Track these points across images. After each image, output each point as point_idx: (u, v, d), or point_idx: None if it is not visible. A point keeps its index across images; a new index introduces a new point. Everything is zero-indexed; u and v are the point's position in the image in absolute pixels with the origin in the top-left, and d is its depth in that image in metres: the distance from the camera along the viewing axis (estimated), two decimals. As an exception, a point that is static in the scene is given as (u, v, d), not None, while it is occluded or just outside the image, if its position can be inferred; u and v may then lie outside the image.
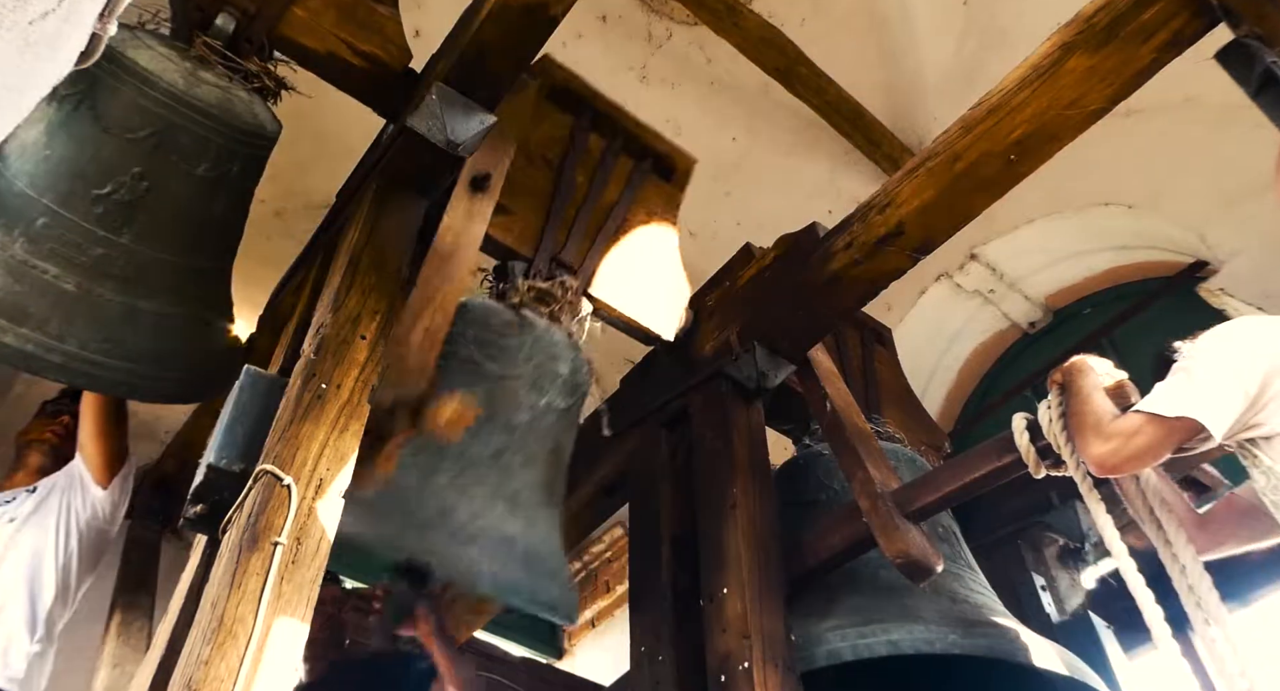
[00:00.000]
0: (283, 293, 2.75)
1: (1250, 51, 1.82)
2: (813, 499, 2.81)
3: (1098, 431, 1.87)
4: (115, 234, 2.17)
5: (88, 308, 2.15)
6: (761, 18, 3.88)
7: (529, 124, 2.68)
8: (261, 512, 1.63)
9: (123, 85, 2.12)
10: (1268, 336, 1.82)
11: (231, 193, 2.35)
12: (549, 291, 2.48)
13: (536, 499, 2.29)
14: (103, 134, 2.13)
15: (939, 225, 2.34)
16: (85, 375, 2.20)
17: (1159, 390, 1.82)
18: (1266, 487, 1.78)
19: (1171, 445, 1.79)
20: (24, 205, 2.10)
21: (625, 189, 2.85)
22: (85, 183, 2.13)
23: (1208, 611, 1.82)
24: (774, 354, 2.72)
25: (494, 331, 2.37)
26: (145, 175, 2.17)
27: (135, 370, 2.26)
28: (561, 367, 2.42)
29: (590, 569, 5.53)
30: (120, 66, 2.11)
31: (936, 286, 4.66)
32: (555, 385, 2.39)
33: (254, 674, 1.45)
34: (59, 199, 2.12)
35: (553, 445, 2.39)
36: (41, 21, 0.68)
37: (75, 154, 2.13)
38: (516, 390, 2.33)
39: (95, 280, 2.16)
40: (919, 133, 4.25)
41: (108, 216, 2.16)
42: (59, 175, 2.12)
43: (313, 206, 3.68)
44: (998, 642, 2.30)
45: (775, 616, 2.24)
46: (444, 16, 2.46)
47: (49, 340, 2.10)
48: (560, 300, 2.49)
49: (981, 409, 4.64)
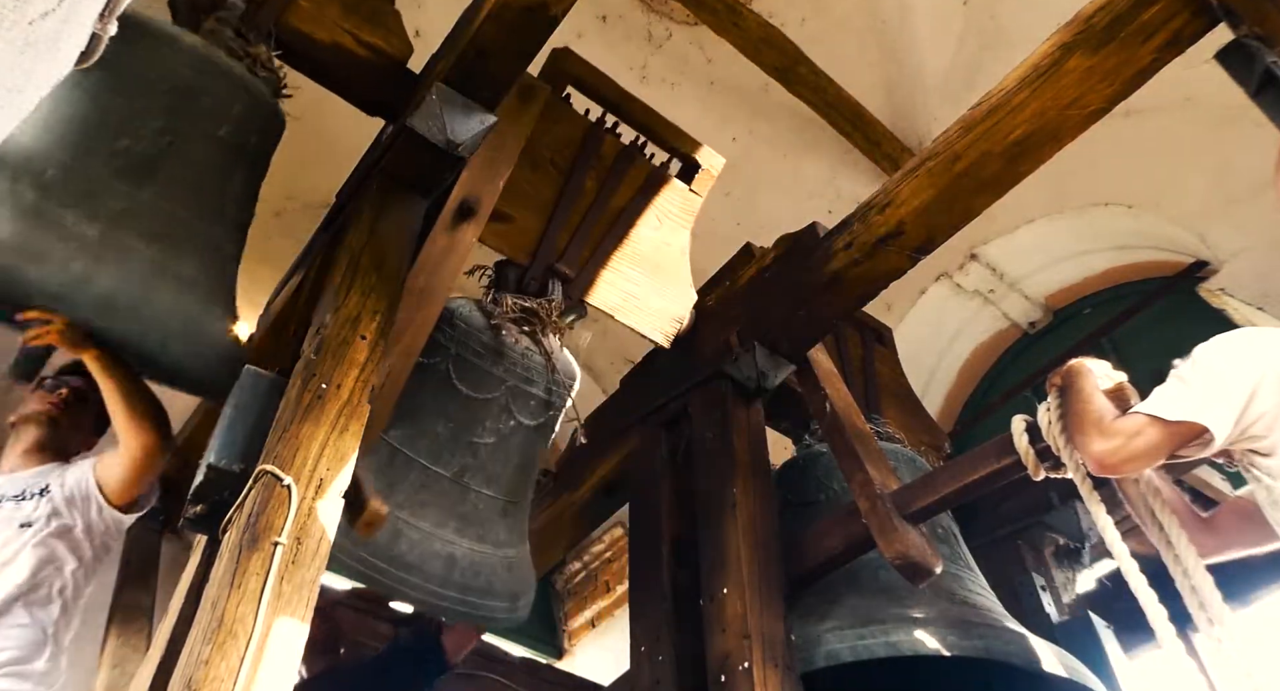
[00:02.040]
0: (283, 292, 2.75)
1: (1250, 51, 1.82)
2: (812, 499, 2.81)
3: (1099, 429, 1.87)
4: (136, 187, 2.05)
5: (115, 254, 2.01)
6: (761, 18, 3.89)
7: (538, 127, 2.67)
8: (261, 512, 1.63)
9: (142, 41, 2.06)
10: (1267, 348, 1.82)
11: (248, 165, 2.29)
12: (534, 311, 2.51)
13: (494, 511, 2.39)
14: (122, 86, 2.05)
15: (939, 225, 2.34)
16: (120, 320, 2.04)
17: (1162, 393, 1.82)
18: (1266, 502, 1.78)
19: (1172, 447, 1.80)
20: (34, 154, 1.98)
21: (637, 194, 2.83)
22: (104, 134, 2.03)
23: (1211, 611, 1.81)
24: (774, 354, 2.72)
25: (472, 353, 2.45)
26: (167, 130, 2.09)
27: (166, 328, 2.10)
28: (535, 390, 2.52)
29: (590, 569, 5.53)
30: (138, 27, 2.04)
31: (936, 286, 4.66)
32: (527, 408, 2.50)
33: (254, 674, 1.45)
34: (74, 151, 2.01)
35: (519, 460, 2.50)
36: (41, 21, 0.68)
37: (90, 108, 2.04)
38: (485, 415, 2.43)
39: (120, 230, 2.02)
40: (919, 133, 4.25)
41: (129, 170, 2.05)
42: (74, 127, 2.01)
43: (313, 206, 3.68)
44: (996, 643, 2.30)
45: (775, 616, 2.24)
46: (444, 16, 2.46)
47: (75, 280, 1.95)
48: (544, 320, 2.51)
49: (981, 409, 4.64)
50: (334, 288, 2.06)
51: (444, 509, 2.33)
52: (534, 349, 2.53)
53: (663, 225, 2.86)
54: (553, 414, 2.59)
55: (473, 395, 2.43)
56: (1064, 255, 4.42)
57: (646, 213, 2.83)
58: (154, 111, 2.09)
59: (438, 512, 2.32)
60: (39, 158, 1.99)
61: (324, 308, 2.04)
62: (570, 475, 3.21)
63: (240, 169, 2.27)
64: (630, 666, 2.43)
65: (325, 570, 1.68)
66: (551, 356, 2.54)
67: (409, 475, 2.31)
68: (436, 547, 2.27)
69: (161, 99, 2.10)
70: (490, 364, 2.47)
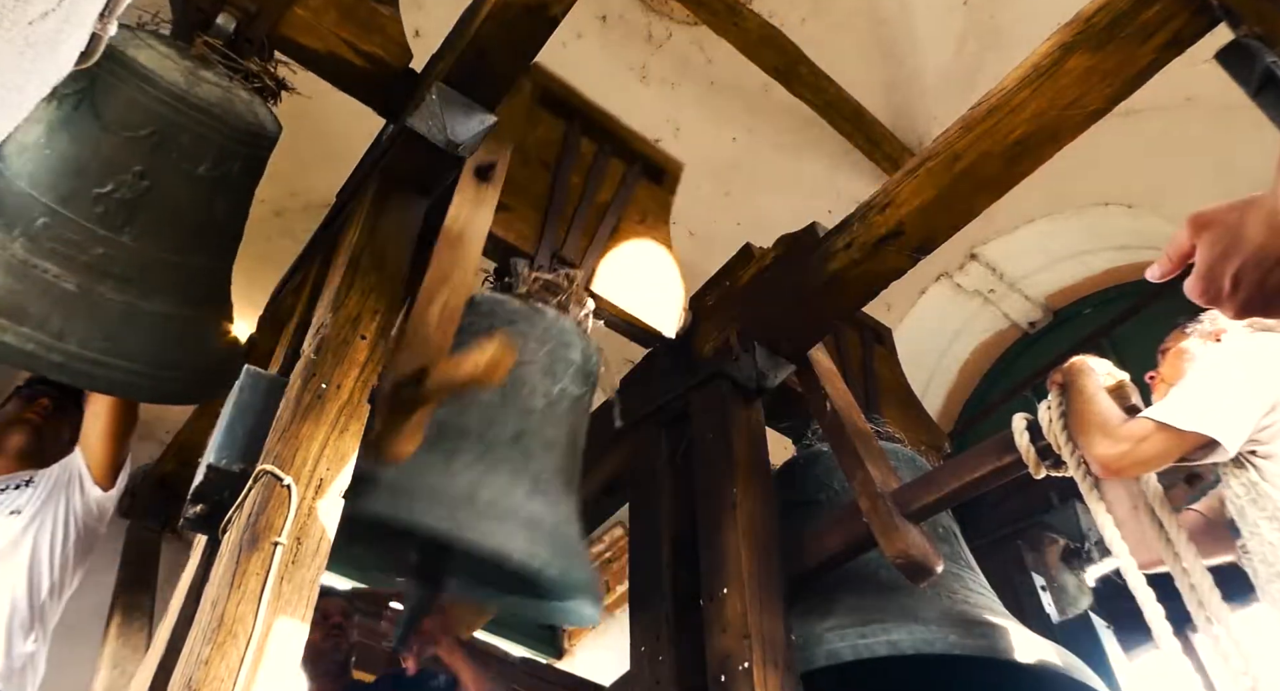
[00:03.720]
0: (283, 292, 2.75)
1: (1250, 51, 1.82)
2: (813, 499, 2.81)
3: (1105, 432, 1.87)
4: (116, 233, 2.15)
5: (88, 307, 2.13)
6: (761, 18, 3.88)
7: (525, 126, 2.69)
8: (261, 512, 1.63)
9: (123, 83, 2.11)
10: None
11: (232, 193, 2.34)
12: (555, 282, 2.48)
13: (558, 484, 2.27)
14: (103, 132, 2.11)
15: (939, 225, 2.34)
16: (86, 375, 2.18)
17: (1175, 397, 1.81)
18: (1244, 497, 1.78)
19: (1180, 455, 1.80)
20: (24, 204, 2.09)
21: (619, 191, 2.85)
22: (86, 181, 2.12)
23: (1210, 610, 1.82)
24: (774, 354, 2.72)
25: (504, 319, 2.36)
26: (146, 173, 2.15)
27: (135, 369, 2.24)
28: (574, 354, 2.41)
29: (590, 569, 5.53)
30: (120, 65, 2.10)
31: (936, 286, 4.66)
32: (569, 372, 2.38)
33: (254, 674, 1.45)
34: (59, 198, 2.11)
35: (568, 431, 2.36)
36: (41, 21, 0.68)
37: (76, 153, 2.12)
38: (531, 374, 2.31)
39: (96, 279, 2.14)
40: (919, 133, 4.25)
41: (109, 215, 2.14)
42: (59, 174, 2.11)
43: (313, 206, 3.68)
44: (997, 643, 2.30)
45: (775, 616, 2.24)
46: (444, 16, 2.46)
47: (49, 339, 2.08)
48: (567, 290, 2.49)
49: (981, 409, 4.64)
50: (334, 288, 2.06)
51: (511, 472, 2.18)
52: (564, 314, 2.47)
53: (645, 219, 2.89)
54: (592, 385, 2.51)
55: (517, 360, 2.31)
56: (1064, 255, 4.42)
57: (630, 207, 2.85)
58: (134, 156, 2.14)
59: (507, 474, 2.16)
60: (31, 206, 2.08)
61: (324, 308, 2.04)
62: (570, 475, 3.20)
63: (222, 197, 2.31)
64: (630, 666, 2.42)
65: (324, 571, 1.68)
66: (580, 322, 2.50)
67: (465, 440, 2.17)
68: (514, 505, 2.11)
69: (141, 143, 2.14)
70: (526, 327, 2.37)
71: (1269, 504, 1.73)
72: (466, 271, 2.18)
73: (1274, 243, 0.81)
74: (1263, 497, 1.74)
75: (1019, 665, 2.27)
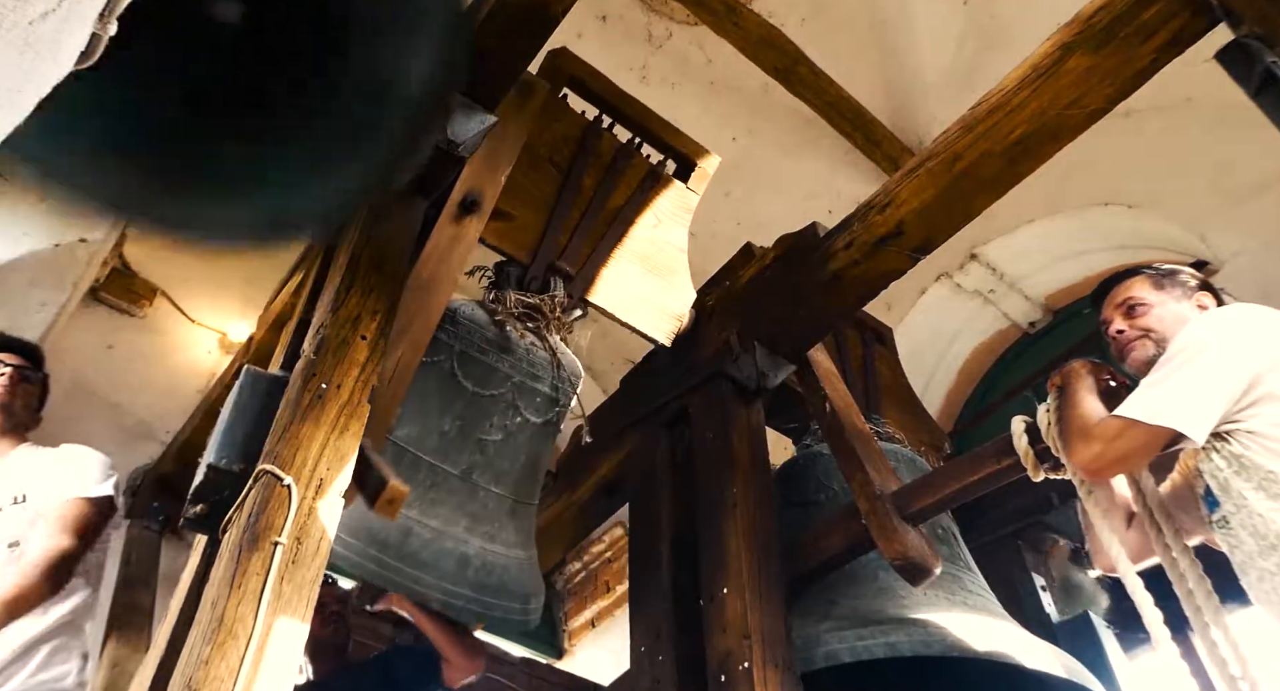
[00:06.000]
0: (283, 292, 2.75)
1: (1250, 51, 1.81)
2: (812, 499, 2.81)
3: (1083, 435, 1.86)
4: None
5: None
6: (761, 18, 3.89)
7: (537, 125, 2.67)
8: (261, 512, 1.63)
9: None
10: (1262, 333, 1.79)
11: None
12: (537, 307, 2.51)
13: (503, 510, 2.39)
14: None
15: (939, 225, 2.34)
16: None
17: (1143, 390, 1.79)
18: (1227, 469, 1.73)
19: (1155, 449, 1.77)
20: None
21: (635, 192, 2.84)
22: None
23: (1207, 613, 1.81)
24: (774, 354, 2.71)
25: (476, 349, 2.45)
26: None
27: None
28: (541, 387, 2.53)
29: (590, 569, 5.53)
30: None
31: (936, 286, 4.66)
32: (533, 404, 2.51)
33: (254, 674, 1.45)
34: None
35: (525, 458, 2.50)
36: (41, 21, 0.68)
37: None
38: (492, 410, 2.44)
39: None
40: (919, 133, 4.25)
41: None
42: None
43: (313, 206, 3.67)
44: (996, 644, 2.30)
45: (775, 616, 2.24)
46: (444, 16, 2.45)
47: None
48: (548, 316, 2.50)
49: (981, 409, 4.64)
50: (334, 288, 2.06)
51: (454, 507, 2.32)
52: (539, 344, 2.53)
53: (661, 223, 2.87)
54: (559, 411, 2.58)
55: (479, 392, 2.43)
56: (1064, 255, 4.42)
57: (645, 211, 2.84)
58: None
59: (448, 511, 2.31)
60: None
61: (324, 308, 2.04)
62: (570, 475, 3.21)
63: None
64: (630, 666, 2.43)
65: (327, 570, 1.68)
66: (556, 352, 2.54)
67: (418, 474, 2.30)
68: (449, 546, 2.27)
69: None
70: (496, 359, 2.47)
71: (1255, 474, 1.68)
72: (429, 320, 2.22)
73: None
74: (1248, 468, 1.69)
75: (1018, 667, 2.27)
